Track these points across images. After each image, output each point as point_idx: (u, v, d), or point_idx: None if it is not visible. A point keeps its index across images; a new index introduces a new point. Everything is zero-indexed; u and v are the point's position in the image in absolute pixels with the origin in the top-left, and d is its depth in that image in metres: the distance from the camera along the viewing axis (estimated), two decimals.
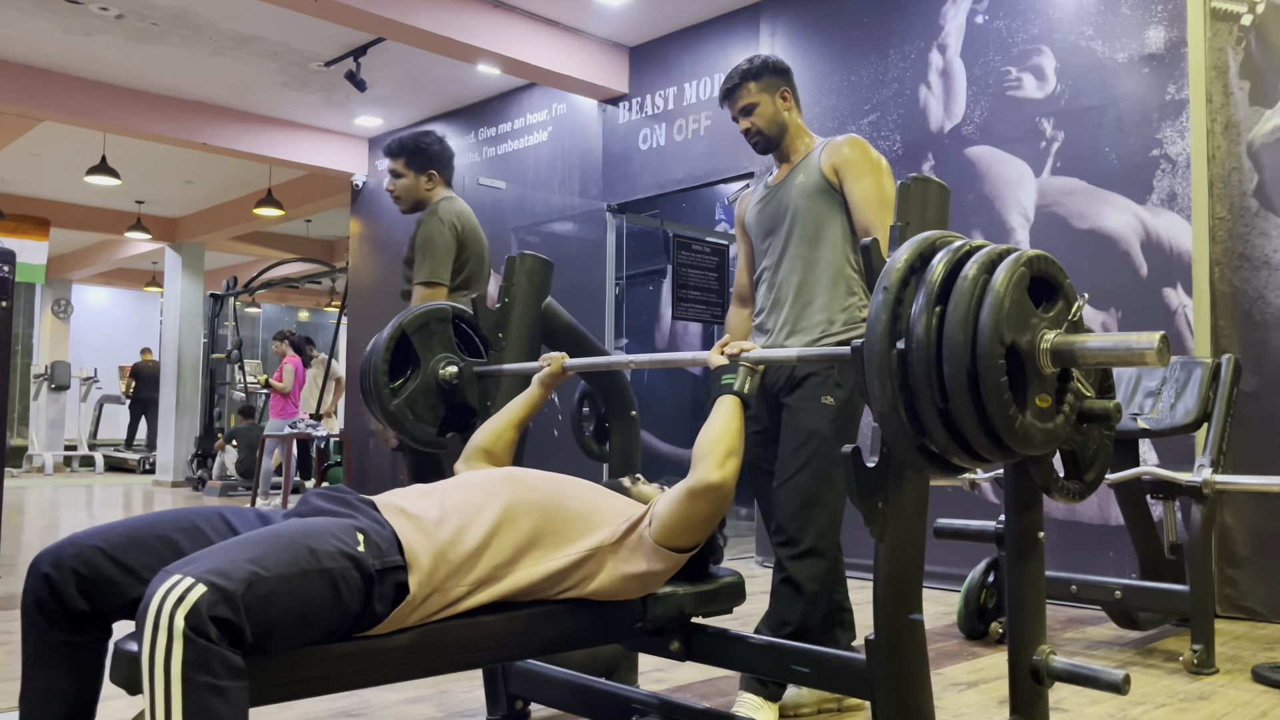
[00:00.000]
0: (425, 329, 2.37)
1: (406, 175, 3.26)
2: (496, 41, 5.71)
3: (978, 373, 1.34)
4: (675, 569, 1.74)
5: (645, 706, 1.99)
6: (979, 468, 1.49)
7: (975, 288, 1.36)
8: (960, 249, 1.44)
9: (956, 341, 1.34)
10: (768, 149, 2.62)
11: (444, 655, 1.53)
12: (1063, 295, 1.45)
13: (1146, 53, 4.06)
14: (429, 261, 3.05)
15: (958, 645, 3.33)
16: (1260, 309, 3.80)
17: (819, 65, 5.17)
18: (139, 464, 13.19)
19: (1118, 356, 1.37)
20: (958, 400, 1.35)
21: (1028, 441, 1.38)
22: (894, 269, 1.43)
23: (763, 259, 2.62)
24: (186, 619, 1.17)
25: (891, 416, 1.41)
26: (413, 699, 2.61)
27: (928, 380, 1.36)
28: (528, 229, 6.89)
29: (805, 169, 2.55)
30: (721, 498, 1.69)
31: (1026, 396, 1.38)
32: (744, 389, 1.81)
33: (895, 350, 1.39)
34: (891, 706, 1.60)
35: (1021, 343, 1.37)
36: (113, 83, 7.22)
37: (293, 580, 1.28)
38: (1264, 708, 2.59)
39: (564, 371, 2.16)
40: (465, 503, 1.60)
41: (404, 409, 2.32)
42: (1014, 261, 1.38)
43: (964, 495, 4.00)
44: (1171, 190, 3.97)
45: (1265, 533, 3.74)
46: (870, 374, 1.41)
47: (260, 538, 1.33)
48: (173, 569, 1.23)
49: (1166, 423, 3.19)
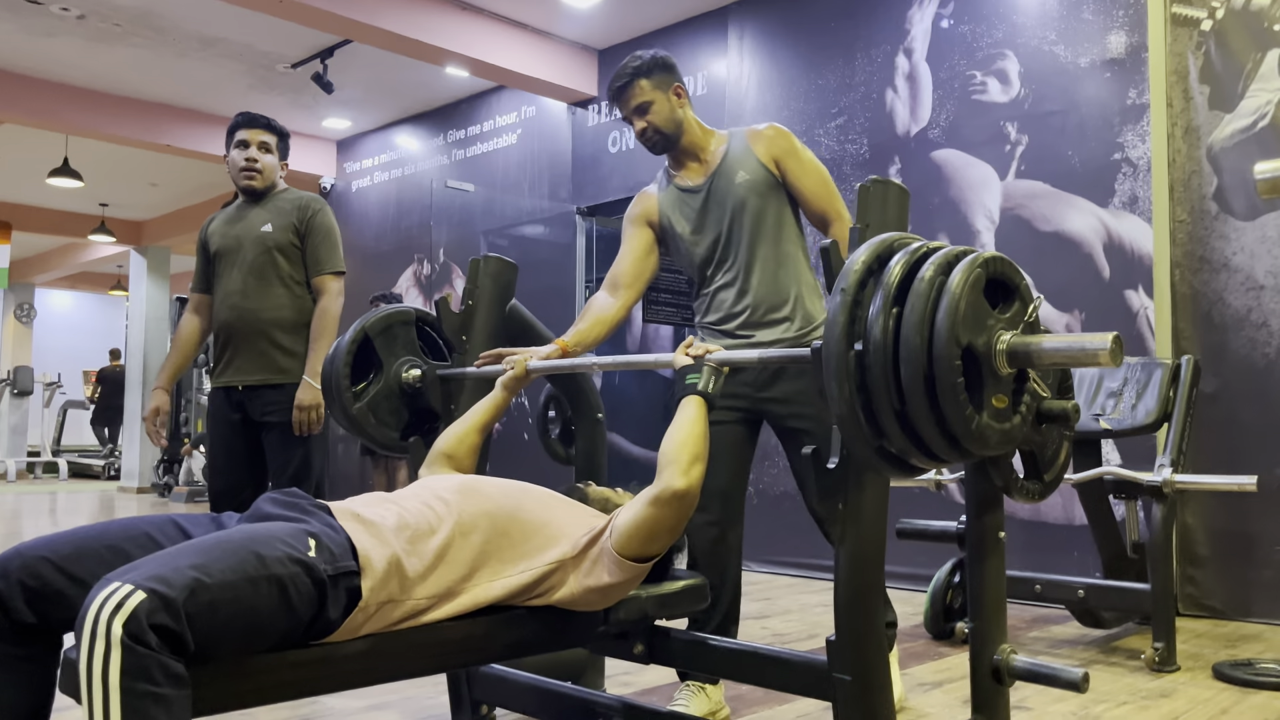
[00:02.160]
0: (388, 331, 2.35)
1: (274, 154, 3.24)
2: (464, 44, 5.68)
3: (934, 374, 1.34)
4: (639, 579, 1.72)
5: (610, 710, 1.98)
6: (940, 468, 1.50)
7: (932, 289, 1.36)
8: (918, 250, 1.44)
9: (913, 343, 1.34)
10: (665, 149, 2.53)
11: (403, 661, 1.51)
12: (1019, 296, 1.46)
13: (1108, 58, 4.11)
14: (338, 250, 3.20)
15: (924, 645, 3.35)
16: (1220, 311, 3.85)
17: (787, 69, 5.19)
18: (104, 470, 13.01)
19: (1072, 357, 1.38)
20: (914, 402, 1.36)
21: (984, 443, 1.39)
22: (852, 270, 1.43)
23: (692, 259, 2.54)
24: (125, 626, 1.15)
25: (849, 418, 1.41)
26: (376, 705, 2.59)
27: (885, 382, 1.37)
28: (497, 232, 6.86)
29: (743, 165, 2.47)
30: (687, 505, 1.67)
31: (983, 397, 1.39)
32: (709, 389, 1.80)
33: (853, 352, 1.39)
34: (852, 708, 1.60)
35: (978, 344, 1.37)
36: (75, 84, 7.12)
37: (238, 587, 1.25)
38: (1224, 704, 2.62)
39: (528, 374, 2.15)
40: (421, 513, 1.57)
41: (366, 412, 2.30)
42: (970, 263, 1.39)
43: (931, 496, 4.03)
44: (1133, 193, 4.02)
45: (1225, 532, 3.79)
46: (828, 376, 1.41)
47: (206, 544, 1.31)
48: (112, 576, 1.21)
49: (1128, 423, 3.22)
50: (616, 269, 2.56)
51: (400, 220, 7.73)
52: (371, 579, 1.43)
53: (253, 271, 3.09)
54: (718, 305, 2.52)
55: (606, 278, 2.56)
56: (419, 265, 7.48)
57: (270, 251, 3.10)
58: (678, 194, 2.54)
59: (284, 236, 3.11)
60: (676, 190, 2.55)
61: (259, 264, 3.09)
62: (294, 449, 3.07)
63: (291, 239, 3.13)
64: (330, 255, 3.15)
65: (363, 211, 8.12)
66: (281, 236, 3.11)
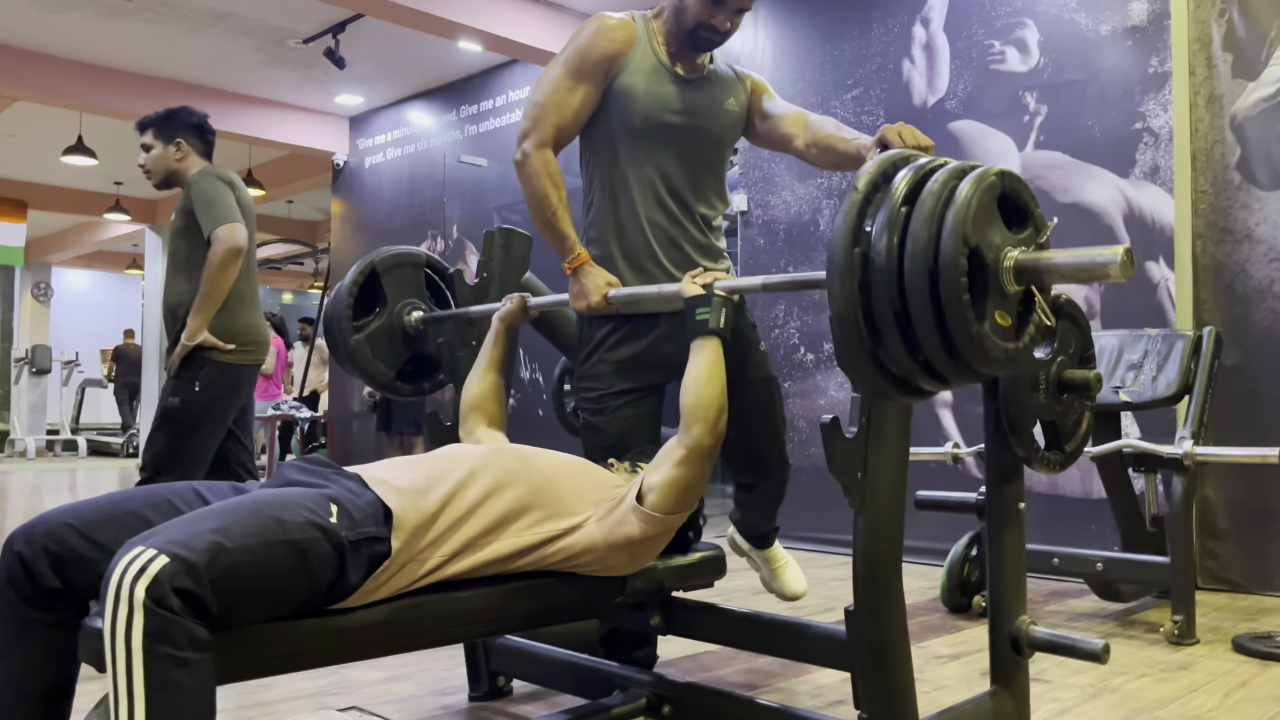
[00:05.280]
0: (397, 270, 2.34)
1: (155, 146, 3.23)
2: (477, 17, 5.64)
3: (938, 271, 1.33)
4: (667, 536, 1.73)
5: (627, 681, 1.99)
6: (933, 389, 1.47)
7: (944, 190, 1.37)
8: (933, 162, 1.46)
9: (920, 238, 1.34)
10: (705, 51, 2.20)
11: (421, 630, 1.51)
12: (1033, 221, 1.46)
13: (1129, 25, 4.04)
14: (216, 208, 3.06)
15: (941, 619, 3.34)
16: (1242, 282, 3.80)
17: (802, 40, 5.13)
18: (122, 447, 13.12)
19: (1083, 271, 1.37)
20: (916, 303, 1.34)
21: (984, 354, 1.36)
22: (865, 173, 1.44)
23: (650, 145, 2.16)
24: (148, 590, 1.16)
25: (848, 318, 1.39)
26: (394, 677, 2.60)
27: (888, 281, 1.36)
28: (510, 207, 6.84)
29: (734, 91, 2.26)
30: (715, 455, 1.71)
31: (986, 309, 1.37)
32: (720, 324, 1.75)
33: (857, 250, 1.39)
34: (871, 678, 1.60)
35: (985, 250, 1.37)
36: (87, 61, 7.12)
37: (258, 551, 1.26)
38: (1244, 677, 2.60)
39: (526, 310, 2.14)
40: (453, 471, 1.58)
41: (363, 345, 2.30)
42: (984, 172, 1.41)
43: (948, 470, 4.01)
44: (1154, 164, 3.97)
45: (1246, 505, 3.76)
46: (831, 272, 1.40)
47: (226, 508, 1.31)
48: (135, 541, 1.22)
49: (1148, 395, 3.19)
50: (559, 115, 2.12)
51: (413, 196, 7.71)
52: (401, 537, 1.44)
53: (170, 264, 3.17)
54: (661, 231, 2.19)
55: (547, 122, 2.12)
56: (432, 241, 7.47)
57: (175, 240, 3.15)
58: (666, 74, 2.17)
59: (179, 222, 3.14)
60: (663, 66, 2.18)
61: (170, 255, 3.16)
62: (155, 431, 3.11)
63: (182, 222, 3.13)
64: (206, 217, 3.07)
65: (375, 188, 8.11)
66: (178, 222, 3.14)
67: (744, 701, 1.90)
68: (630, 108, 2.14)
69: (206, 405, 3.09)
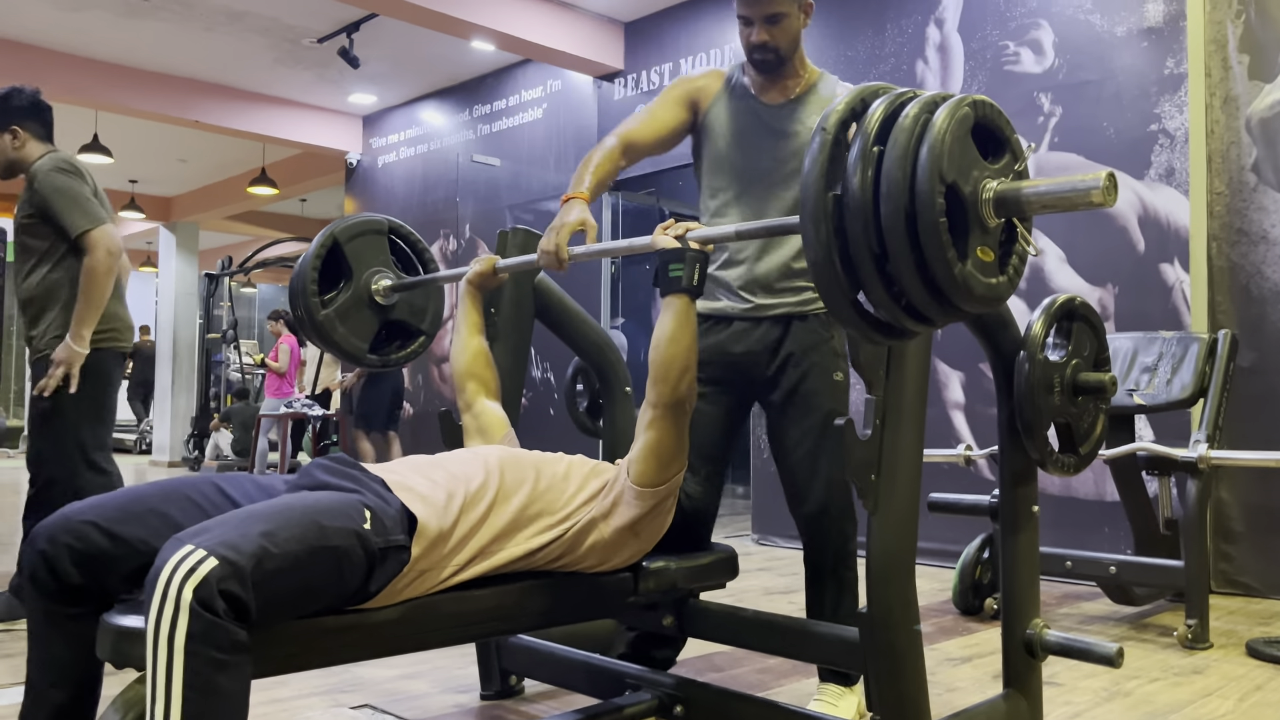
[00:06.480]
0: (359, 239, 2.29)
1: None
2: (491, 17, 5.65)
3: (915, 211, 1.27)
4: (664, 506, 1.73)
5: (639, 681, 1.99)
6: (919, 330, 1.43)
7: (916, 125, 1.30)
8: (903, 93, 1.39)
9: (894, 178, 1.28)
10: (767, 71, 2.16)
11: (436, 629, 1.52)
12: (1010, 149, 1.39)
13: (1145, 26, 4.03)
14: (80, 206, 2.89)
15: (953, 621, 3.33)
16: (1258, 284, 3.78)
17: (816, 40, 5.12)
18: (136, 444, 13.18)
19: (1065, 199, 1.31)
20: (895, 245, 1.29)
21: (968, 293, 1.31)
22: (834, 111, 1.38)
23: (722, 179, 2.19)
24: (195, 592, 1.16)
25: (825, 264, 1.34)
26: (407, 675, 2.61)
27: (864, 224, 1.30)
28: (522, 206, 6.85)
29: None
30: (685, 414, 1.70)
31: (968, 246, 1.31)
32: (693, 281, 1.73)
33: (832, 194, 1.33)
34: (884, 679, 1.60)
35: (963, 186, 1.30)
36: (104, 59, 7.16)
37: (300, 557, 1.27)
38: (1258, 681, 2.59)
39: (495, 272, 2.11)
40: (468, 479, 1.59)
41: (333, 319, 2.24)
42: (957, 102, 1.33)
43: (960, 472, 4.00)
44: (1169, 165, 3.95)
45: (1260, 508, 3.74)
46: (805, 218, 1.35)
47: (271, 510, 1.32)
48: (184, 538, 1.22)
49: (1162, 398, 3.18)
50: (638, 129, 2.18)
51: (426, 195, 7.73)
52: (421, 545, 1.46)
53: (19, 258, 3.00)
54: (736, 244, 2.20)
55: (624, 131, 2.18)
56: (445, 240, 7.48)
57: (21, 235, 2.98)
58: (745, 103, 2.19)
59: (26, 216, 2.96)
60: (745, 98, 2.20)
61: (19, 248, 2.98)
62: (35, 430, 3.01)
63: (30, 217, 2.95)
64: (70, 216, 2.89)
65: (389, 187, 8.13)
66: (26, 216, 2.96)
67: (757, 702, 1.90)
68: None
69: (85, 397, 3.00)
